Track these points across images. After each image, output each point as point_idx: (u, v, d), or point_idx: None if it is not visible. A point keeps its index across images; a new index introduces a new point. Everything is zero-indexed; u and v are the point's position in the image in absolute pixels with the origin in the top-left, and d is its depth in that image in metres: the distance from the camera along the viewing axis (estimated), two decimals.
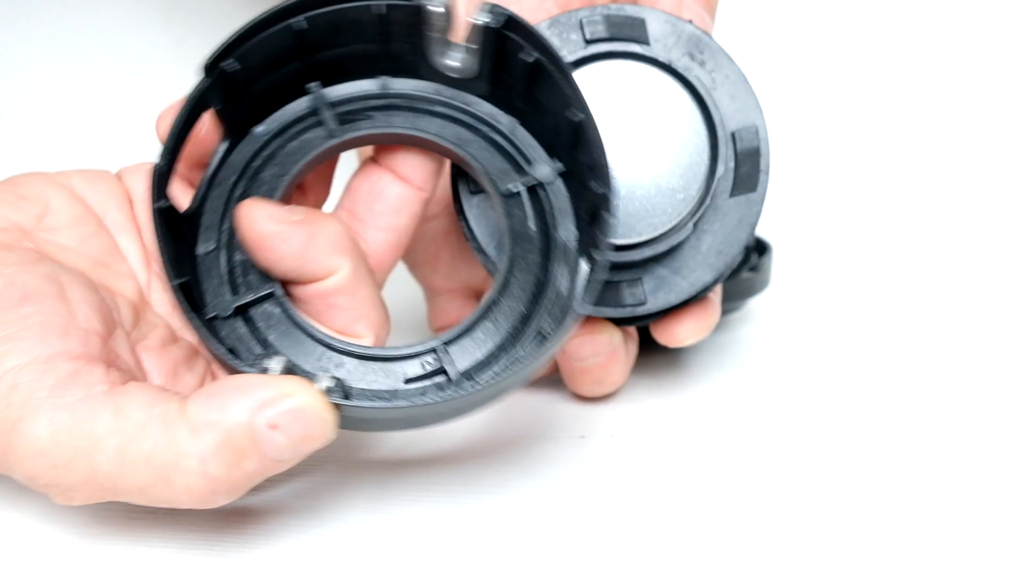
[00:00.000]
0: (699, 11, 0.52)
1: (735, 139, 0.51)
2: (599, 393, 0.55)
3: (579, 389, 0.55)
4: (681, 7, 0.52)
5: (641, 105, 0.50)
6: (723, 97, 0.51)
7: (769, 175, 0.50)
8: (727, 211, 0.51)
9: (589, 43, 0.51)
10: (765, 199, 0.51)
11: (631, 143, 0.50)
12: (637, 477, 0.48)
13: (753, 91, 0.51)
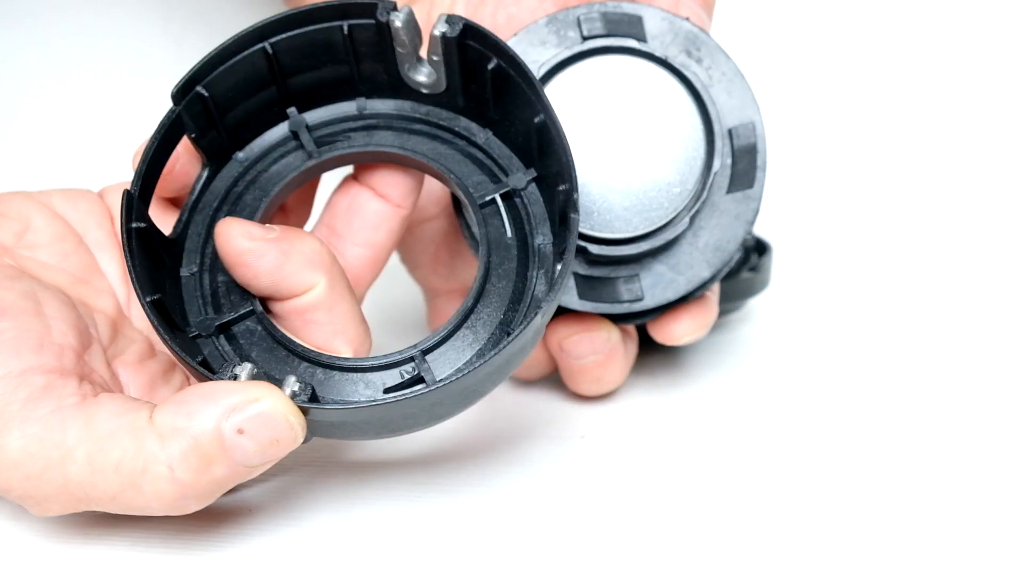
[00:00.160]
0: (696, 9, 0.52)
1: (732, 135, 0.50)
2: (598, 392, 0.55)
3: (578, 388, 0.55)
4: (678, 5, 0.52)
5: (637, 100, 0.50)
6: (720, 94, 0.51)
7: (766, 172, 0.50)
8: (724, 207, 0.51)
9: (586, 40, 0.51)
10: (763, 196, 0.51)
11: (627, 138, 0.50)
12: (637, 477, 0.48)
13: (750, 88, 0.51)
